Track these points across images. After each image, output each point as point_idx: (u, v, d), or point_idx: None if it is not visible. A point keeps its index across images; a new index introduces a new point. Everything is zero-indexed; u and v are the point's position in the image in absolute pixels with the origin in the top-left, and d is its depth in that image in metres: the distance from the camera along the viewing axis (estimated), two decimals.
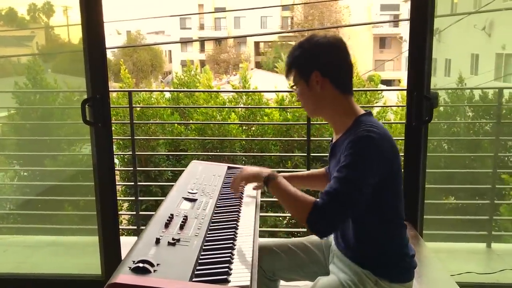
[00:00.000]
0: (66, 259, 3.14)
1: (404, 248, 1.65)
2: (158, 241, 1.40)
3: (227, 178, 2.11)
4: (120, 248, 2.66)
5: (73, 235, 3.53)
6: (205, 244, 1.46)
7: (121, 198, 5.34)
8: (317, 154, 5.29)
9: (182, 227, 1.52)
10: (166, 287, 1.18)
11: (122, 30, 39.04)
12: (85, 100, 2.42)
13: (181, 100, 6.51)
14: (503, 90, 3.35)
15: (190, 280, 1.25)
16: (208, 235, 1.53)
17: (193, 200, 1.78)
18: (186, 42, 37.84)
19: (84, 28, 2.40)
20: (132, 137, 3.63)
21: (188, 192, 1.84)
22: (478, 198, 3.89)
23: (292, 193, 1.59)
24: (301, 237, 2.03)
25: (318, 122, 5.67)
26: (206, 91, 6.38)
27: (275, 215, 5.46)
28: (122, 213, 5.63)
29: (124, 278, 1.21)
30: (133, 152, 3.65)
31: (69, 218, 3.74)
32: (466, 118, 4.38)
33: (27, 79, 4.43)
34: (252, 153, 5.85)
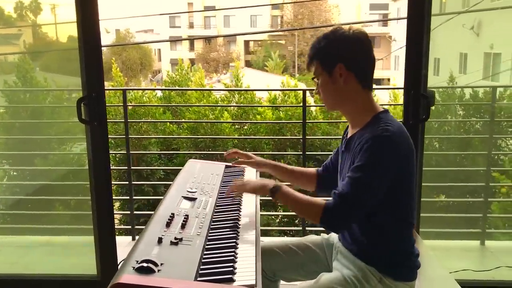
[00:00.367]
0: (60, 259, 3.10)
1: (411, 247, 1.66)
2: (160, 240, 1.39)
3: (225, 176, 2.11)
4: (116, 248, 2.63)
5: (66, 235, 3.49)
6: (207, 243, 1.45)
7: (117, 197, 5.28)
8: (312, 152, 5.30)
9: (183, 226, 1.51)
10: (172, 287, 1.16)
11: (111, 28, 38.72)
12: (80, 98, 2.40)
13: (173, 99, 6.48)
14: (497, 89, 3.38)
15: (195, 279, 1.24)
16: (210, 234, 1.52)
17: (192, 199, 1.77)
18: (176, 40, 37.68)
19: (79, 26, 2.37)
20: (126, 135, 3.60)
21: (187, 191, 1.83)
22: (469, 196, 3.92)
23: (300, 199, 1.61)
24: (293, 235, 2.03)
25: (312, 121, 5.68)
26: (200, 90, 6.35)
27: (268, 214, 5.45)
28: (116, 212, 5.57)
29: (128, 278, 1.19)
30: (127, 151, 3.62)
31: (61, 218, 3.70)
32: (457, 116, 4.41)
33: (17, 78, 4.37)
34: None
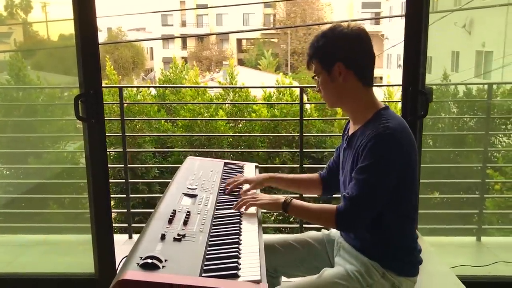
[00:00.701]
0: (56, 258, 3.08)
1: (413, 242, 1.67)
2: (163, 237, 1.39)
3: (225, 174, 2.12)
4: (114, 246, 2.62)
5: (62, 234, 3.47)
6: (210, 239, 1.45)
7: (114, 195, 5.24)
8: (309, 150, 5.31)
9: (186, 223, 1.51)
10: (178, 283, 1.16)
11: (102, 27, 38.49)
12: (78, 95, 2.38)
13: (167, 97, 6.44)
14: (492, 86, 3.41)
15: (200, 275, 1.24)
16: (212, 231, 1.52)
17: (193, 196, 1.77)
18: (168, 38, 37.55)
19: (76, 23, 2.35)
20: (122, 133, 3.59)
21: (187, 188, 1.83)
22: (462, 193, 3.94)
23: (312, 208, 1.64)
24: (289, 233, 2.03)
25: (309, 118, 5.68)
26: (196, 87, 6.33)
27: (262, 211, 5.44)
28: (113, 210, 5.53)
29: (133, 274, 1.19)
30: (124, 148, 3.61)
31: (56, 216, 3.68)
32: (450, 114, 4.42)
33: (9, 76, 4.34)
34: (239, 150, 5.82)
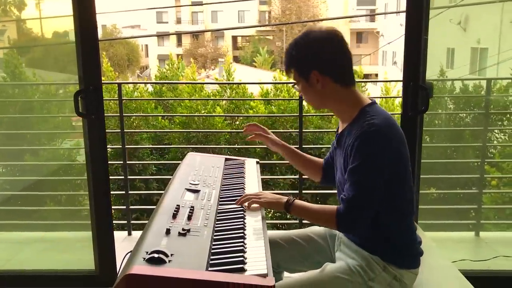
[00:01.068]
0: (55, 255, 3.06)
1: (412, 234, 1.67)
2: (168, 231, 1.38)
3: (226, 169, 2.12)
4: (114, 242, 2.62)
5: (60, 231, 3.45)
6: (215, 234, 1.45)
7: (114, 192, 5.21)
8: (308, 146, 5.32)
9: (190, 218, 1.50)
10: (185, 277, 1.16)
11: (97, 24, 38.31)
12: (77, 91, 2.38)
13: (164, 94, 6.43)
14: (491, 81, 3.43)
15: (206, 269, 1.24)
16: (217, 225, 1.52)
17: (196, 191, 1.76)
18: (164, 35, 37.47)
19: (76, 19, 2.35)
20: (121, 130, 3.58)
21: (190, 183, 1.82)
22: (459, 189, 3.95)
23: (313, 210, 1.65)
24: (286, 229, 2.03)
25: (308, 114, 5.66)
26: (195, 83, 6.32)
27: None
28: (113, 207, 5.50)
29: (140, 269, 1.19)
30: (123, 145, 3.60)
31: (53, 213, 3.66)
32: (447, 110, 4.44)
33: (5, 73, 4.31)
34: (237, 146, 5.82)
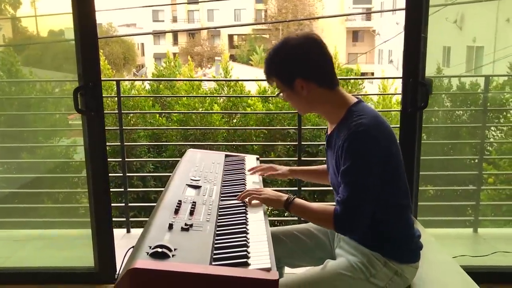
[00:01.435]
0: (54, 252, 3.06)
1: (411, 229, 1.68)
2: (171, 226, 1.39)
3: (226, 165, 2.12)
4: (113, 239, 2.62)
5: (58, 228, 3.44)
6: (217, 229, 1.46)
7: (113, 189, 5.20)
8: (307, 143, 5.33)
9: (192, 213, 1.51)
10: (189, 271, 1.16)
11: (96, 20, 38.17)
12: (77, 88, 2.37)
13: (161, 92, 6.42)
14: (489, 78, 3.44)
15: (210, 264, 1.24)
16: (219, 220, 1.52)
17: (197, 187, 1.77)
18: (160, 33, 37.38)
19: (75, 16, 2.35)
20: (120, 127, 3.57)
21: (191, 179, 1.83)
22: (456, 186, 3.96)
23: (312, 209, 1.64)
24: (286, 225, 2.03)
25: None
26: (193, 80, 6.32)
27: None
28: (113, 205, 5.47)
29: (144, 263, 1.19)
30: (121, 142, 3.59)
31: (51, 211, 3.66)
32: (444, 107, 4.45)
33: (1, 71, 4.30)
34: (235, 143, 5.82)
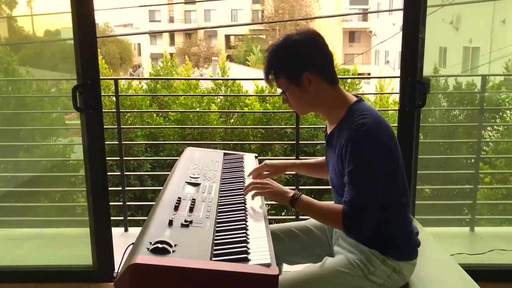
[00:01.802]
0: (52, 251, 3.06)
1: (409, 226, 1.69)
2: (171, 223, 1.39)
3: (225, 163, 2.13)
4: (111, 238, 2.62)
5: (55, 227, 3.44)
6: (217, 225, 1.47)
7: (112, 188, 5.19)
8: (305, 142, 5.33)
9: (191, 210, 1.51)
10: (190, 267, 1.17)
11: (95, 18, 38.07)
12: (75, 86, 2.37)
13: (159, 91, 6.42)
14: (486, 78, 3.47)
15: (210, 260, 1.25)
16: (218, 217, 1.53)
17: (196, 184, 1.77)
18: (157, 32, 37.33)
19: (74, 14, 2.34)
20: (118, 126, 3.57)
21: (190, 177, 1.83)
22: (453, 185, 3.98)
23: (319, 207, 1.63)
24: (284, 222, 2.04)
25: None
26: (191, 79, 6.32)
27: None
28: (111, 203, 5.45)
29: (144, 258, 1.19)
30: (119, 141, 3.59)
31: (48, 210, 3.65)
32: (440, 107, 4.47)
33: None
34: (233, 143, 5.83)
